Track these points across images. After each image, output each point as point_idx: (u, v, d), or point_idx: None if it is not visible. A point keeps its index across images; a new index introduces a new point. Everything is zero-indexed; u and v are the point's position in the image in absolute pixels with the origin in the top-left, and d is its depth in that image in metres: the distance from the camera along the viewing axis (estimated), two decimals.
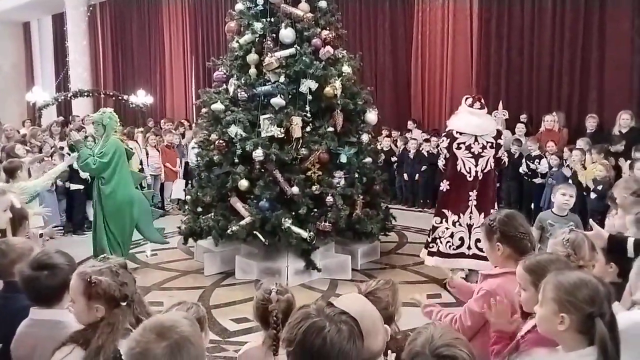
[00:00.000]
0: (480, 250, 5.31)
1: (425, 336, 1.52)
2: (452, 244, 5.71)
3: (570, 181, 7.39)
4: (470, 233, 5.66)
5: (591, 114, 8.57)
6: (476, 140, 5.64)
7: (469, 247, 5.66)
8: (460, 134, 5.67)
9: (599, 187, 6.77)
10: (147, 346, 1.44)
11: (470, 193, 5.66)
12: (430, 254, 5.88)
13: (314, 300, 1.75)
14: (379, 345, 1.71)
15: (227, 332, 4.86)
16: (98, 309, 2.01)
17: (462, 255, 5.68)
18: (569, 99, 9.36)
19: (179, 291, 5.92)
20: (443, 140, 5.91)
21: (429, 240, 5.97)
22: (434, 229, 5.86)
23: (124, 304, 2.03)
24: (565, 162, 7.75)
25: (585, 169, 7.14)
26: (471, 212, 5.69)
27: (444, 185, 5.84)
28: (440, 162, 5.93)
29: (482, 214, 5.55)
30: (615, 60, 8.80)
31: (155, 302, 5.44)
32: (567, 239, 2.55)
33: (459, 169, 5.67)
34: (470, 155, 5.64)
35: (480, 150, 5.63)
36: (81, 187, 8.36)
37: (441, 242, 5.75)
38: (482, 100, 5.87)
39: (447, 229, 5.74)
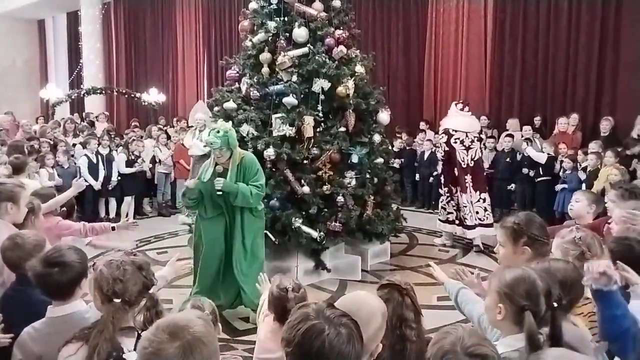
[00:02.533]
0: (481, 220, 7.00)
1: (456, 335, 1.54)
2: (465, 216, 6.98)
3: (584, 185, 7.32)
4: (473, 207, 7.02)
5: (606, 116, 8.49)
6: (467, 135, 7.02)
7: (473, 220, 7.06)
8: (455, 131, 7.01)
9: None
10: (160, 346, 1.44)
11: (466, 177, 6.98)
12: (449, 222, 7.20)
13: (323, 300, 1.75)
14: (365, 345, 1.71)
15: (237, 331, 4.85)
16: (96, 297, 2.04)
17: (470, 227, 6.95)
18: (583, 101, 9.27)
19: (189, 289, 5.89)
20: (443, 137, 7.18)
21: (444, 211, 7.25)
22: (448, 199, 7.17)
23: (118, 300, 1.98)
24: (580, 165, 7.68)
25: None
26: (471, 192, 7.00)
27: (457, 171, 7.01)
28: (440, 154, 7.31)
29: (478, 192, 7.03)
30: (630, 63, 8.72)
31: (165, 299, 5.44)
32: (579, 236, 2.56)
33: (456, 158, 6.97)
34: (463, 147, 7.00)
35: (470, 144, 7.03)
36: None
37: (459, 212, 7.03)
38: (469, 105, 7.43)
39: (455, 199, 7.08)
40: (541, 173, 8.34)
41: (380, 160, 6.44)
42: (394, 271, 6.37)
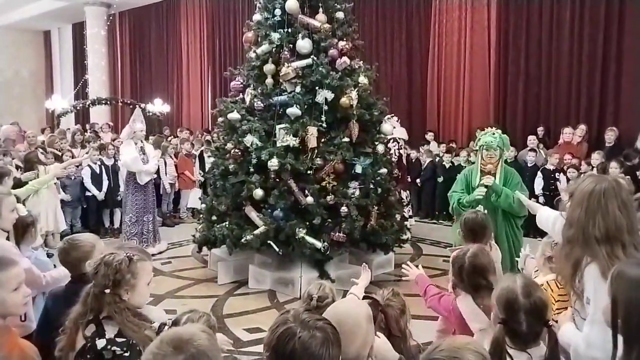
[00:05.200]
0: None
1: (435, 345, 1.57)
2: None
3: None
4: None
5: (610, 127, 8.48)
6: (404, 142, 9.26)
7: None
8: (400, 139, 9.06)
9: None
10: (164, 359, 1.44)
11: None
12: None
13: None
14: (353, 352, 1.76)
15: (240, 341, 4.84)
16: None
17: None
18: (587, 111, 9.27)
19: (192, 299, 5.91)
20: (395, 145, 8.75)
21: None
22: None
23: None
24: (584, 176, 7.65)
25: None
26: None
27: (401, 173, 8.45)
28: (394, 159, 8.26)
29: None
30: (633, 73, 8.73)
31: (168, 310, 5.45)
32: (555, 242, 2.84)
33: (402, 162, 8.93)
34: (405, 153, 9.22)
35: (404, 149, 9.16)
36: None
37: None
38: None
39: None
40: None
41: (384, 170, 6.43)
42: (398, 282, 6.35)
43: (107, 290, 2.14)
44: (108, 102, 15.06)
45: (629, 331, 1.65)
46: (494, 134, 4.89)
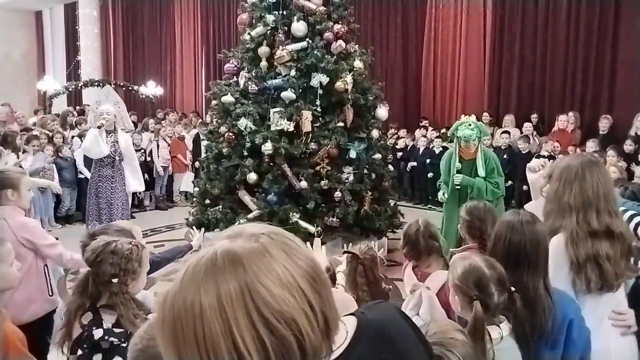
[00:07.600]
0: None
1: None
2: None
3: None
4: None
5: (604, 114, 8.49)
6: None
7: None
8: None
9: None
10: (149, 343, 1.43)
11: None
12: None
13: None
14: None
15: None
16: None
17: None
18: (581, 99, 9.27)
19: None
20: None
21: None
22: None
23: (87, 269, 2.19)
24: None
25: None
26: None
27: None
28: None
29: None
30: (628, 61, 8.72)
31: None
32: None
33: None
34: None
35: None
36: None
37: None
38: None
39: None
40: None
41: (378, 155, 6.42)
42: (391, 267, 6.36)
43: (115, 280, 2.09)
44: (101, 84, 14.90)
45: (494, 255, 2.05)
46: (470, 124, 4.98)
